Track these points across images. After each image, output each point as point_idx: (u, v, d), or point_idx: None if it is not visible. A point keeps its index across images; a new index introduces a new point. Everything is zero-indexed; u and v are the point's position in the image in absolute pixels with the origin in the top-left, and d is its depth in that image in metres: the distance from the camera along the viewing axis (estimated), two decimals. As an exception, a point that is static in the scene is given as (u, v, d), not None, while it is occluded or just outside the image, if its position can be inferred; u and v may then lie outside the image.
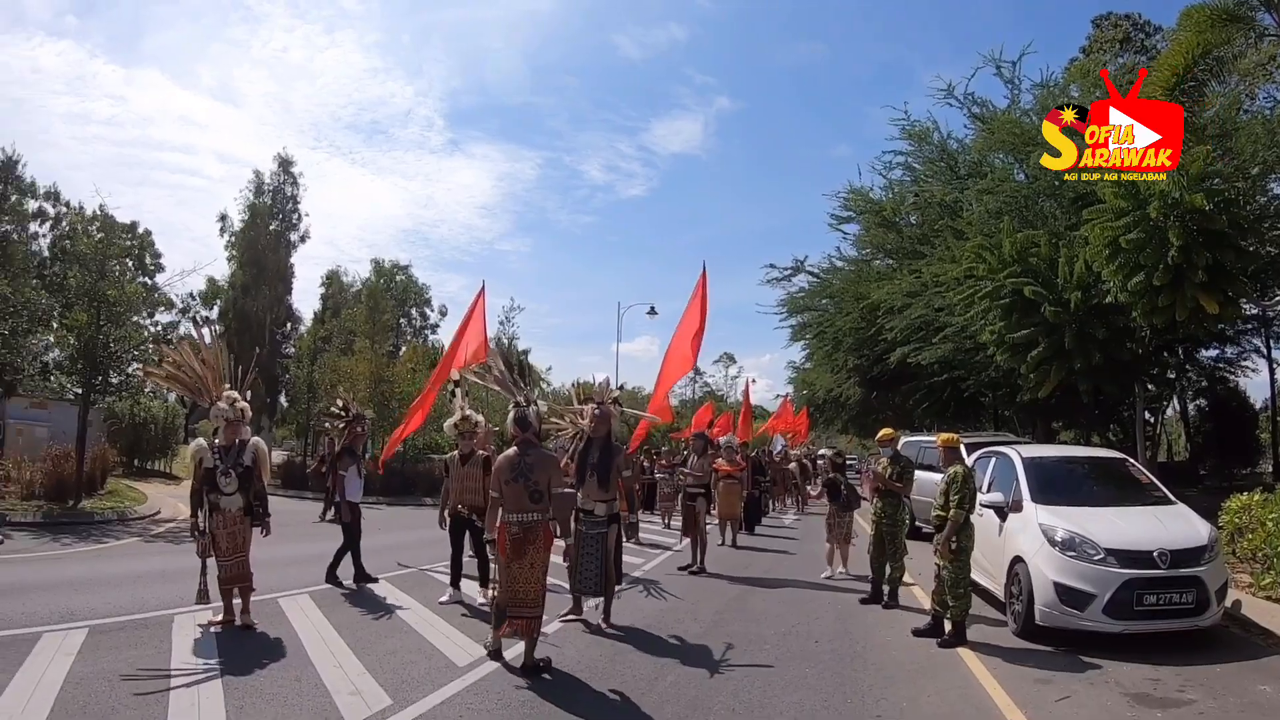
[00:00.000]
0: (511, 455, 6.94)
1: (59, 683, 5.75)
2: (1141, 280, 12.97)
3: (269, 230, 49.02)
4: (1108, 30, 31.07)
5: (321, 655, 6.87)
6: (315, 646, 7.16)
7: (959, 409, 26.78)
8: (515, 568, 6.71)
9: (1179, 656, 7.26)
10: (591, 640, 7.82)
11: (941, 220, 22.77)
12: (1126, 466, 10.25)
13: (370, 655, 6.89)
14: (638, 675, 6.68)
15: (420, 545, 13.68)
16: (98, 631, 7.27)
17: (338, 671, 6.39)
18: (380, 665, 6.61)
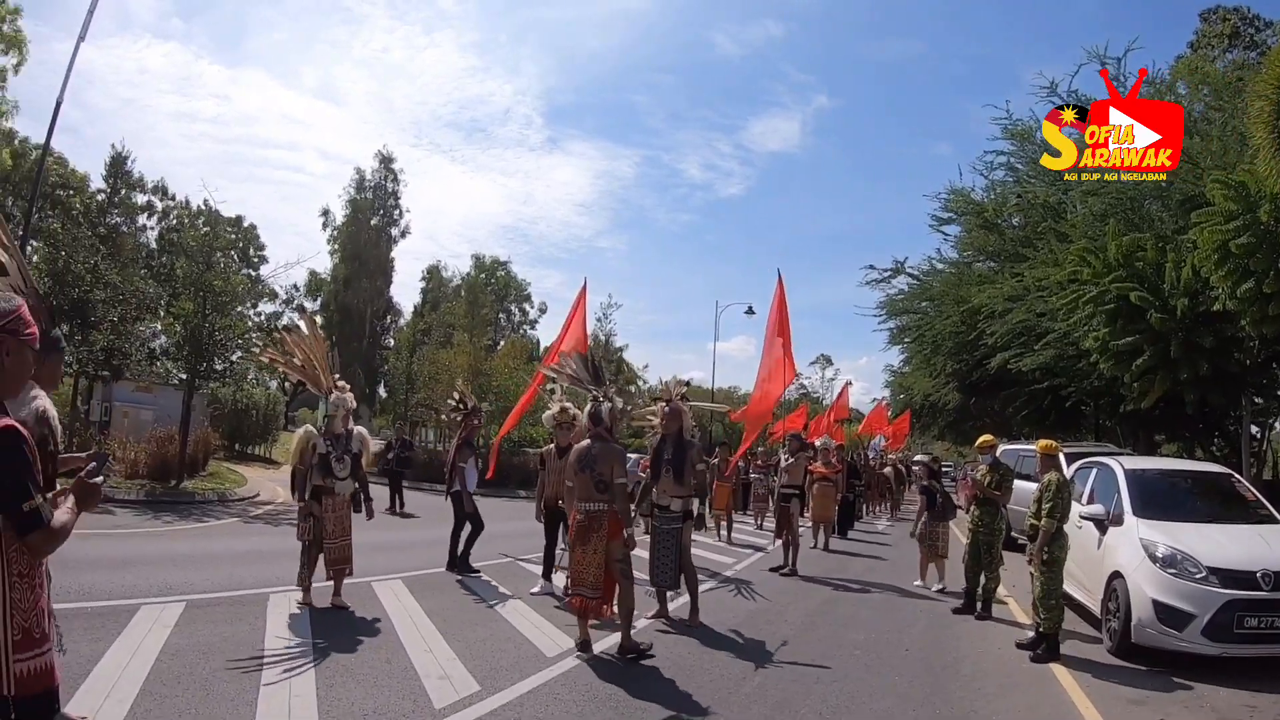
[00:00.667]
0: (582, 447, 7.40)
1: (155, 653, 5.94)
2: (1251, 287, 12.50)
3: (370, 225, 50.37)
4: (1215, 25, 29.86)
5: (412, 639, 7.08)
6: (406, 630, 7.38)
7: (1059, 418, 26.04)
8: (579, 551, 7.13)
9: (1278, 684, 7.07)
10: (678, 639, 7.93)
11: (1044, 222, 22.26)
12: (1232, 482, 9.95)
13: (460, 642, 7.07)
14: (725, 674, 6.78)
15: (515, 536, 13.90)
16: (194, 606, 7.53)
17: (427, 656, 6.56)
18: (470, 652, 6.77)
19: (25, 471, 2.53)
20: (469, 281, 49.85)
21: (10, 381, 2.71)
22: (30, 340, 2.71)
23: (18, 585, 2.61)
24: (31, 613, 2.65)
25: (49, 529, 2.59)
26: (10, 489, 2.51)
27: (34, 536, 2.56)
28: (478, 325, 41.51)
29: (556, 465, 9.79)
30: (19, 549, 2.59)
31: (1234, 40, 27.29)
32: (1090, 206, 19.11)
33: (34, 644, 2.64)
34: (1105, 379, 18.50)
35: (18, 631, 2.59)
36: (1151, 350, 15.38)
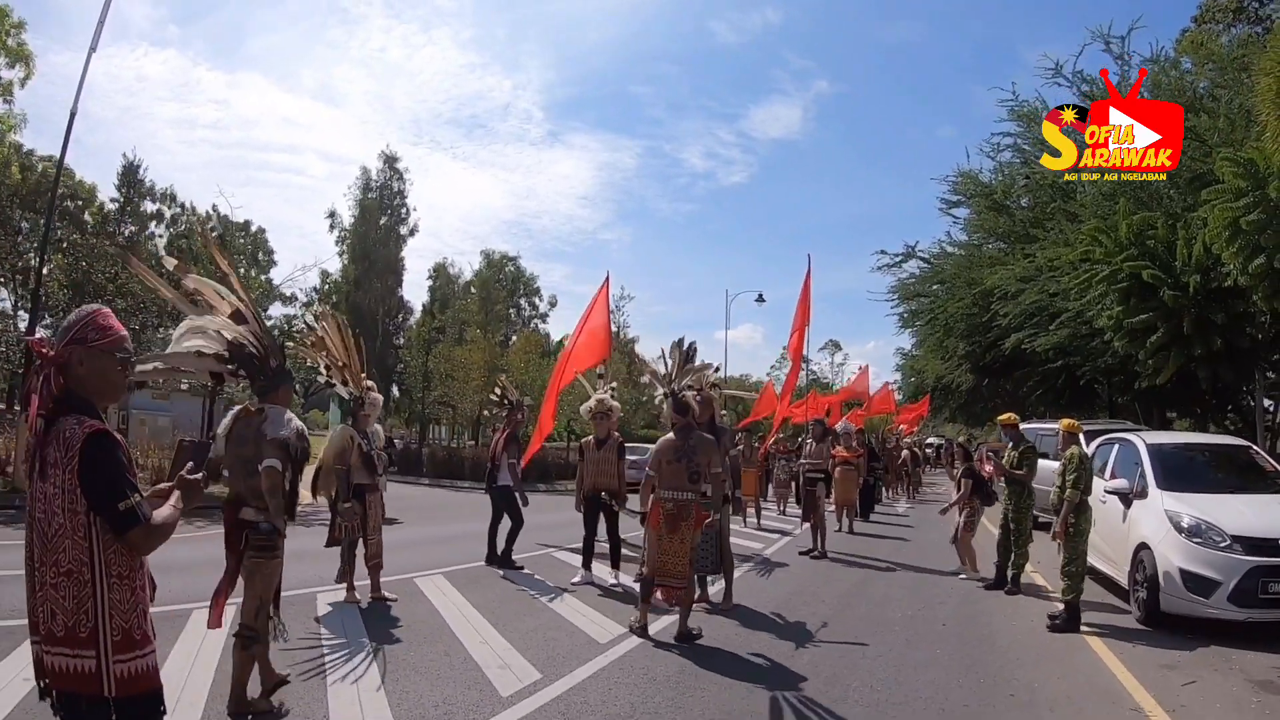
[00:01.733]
0: (674, 439, 7.52)
1: (216, 656, 5.90)
2: (1263, 263, 12.76)
3: (379, 225, 50.59)
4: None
5: (466, 631, 7.22)
6: (458, 623, 7.52)
7: (1073, 397, 26.27)
8: (667, 541, 7.27)
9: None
10: (721, 621, 8.15)
11: (1054, 203, 22.52)
12: (1251, 454, 10.26)
13: (513, 632, 7.21)
14: (773, 653, 7.04)
15: (547, 527, 14.07)
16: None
17: (484, 647, 6.68)
18: (524, 641, 6.91)
19: (119, 472, 2.61)
20: (481, 278, 50.12)
21: (94, 388, 2.74)
22: (104, 346, 2.74)
23: (117, 586, 2.61)
24: (132, 613, 2.66)
25: (148, 525, 2.63)
26: (105, 489, 2.57)
27: (134, 534, 2.60)
28: (492, 321, 41.86)
29: (595, 456, 9.98)
30: (118, 550, 2.61)
31: (1238, 15, 27.30)
32: (1099, 186, 19.32)
33: (134, 645, 2.65)
34: (1119, 357, 18.77)
35: (117, 632, 2.61)
36: (1165, 327, 15.66)
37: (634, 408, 40.75)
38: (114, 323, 2.80)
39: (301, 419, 5.71)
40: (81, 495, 2.56)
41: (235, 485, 5.24)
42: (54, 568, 2.57)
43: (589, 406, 10.28)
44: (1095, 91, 21.79)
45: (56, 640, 2.57)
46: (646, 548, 7.46)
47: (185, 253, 27.41)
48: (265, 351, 5.27)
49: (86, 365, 2.70)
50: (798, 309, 14.57)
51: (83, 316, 2.76)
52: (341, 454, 8.06)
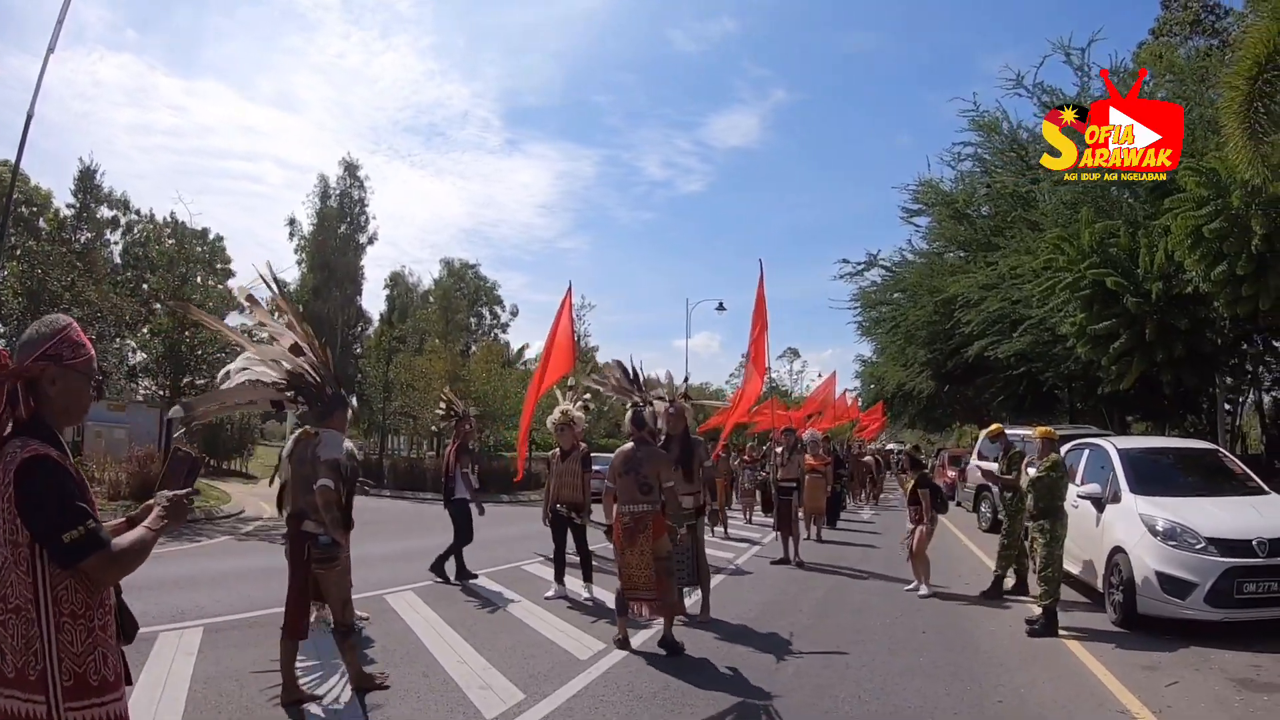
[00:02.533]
0: (626, 450, 7.55)
1: (186, 682, 5.86)
2: (1224, 270, 13.02)
3: (338, 233, 50.09)
4: (1177, 12, 30.53)
5: (442, 650, 7.09)
6: (434, 642, 7.39)
7: (1035, 402, 26.65)
8: (628, 555, 7.30)
9: (1278, 644, 7.49)
10: (701, 634, 8.07)
11: (1014, 211, 22.83)
12: (1219, 457, 10.44)
13: (491, 650, 7.10)
14: (758, 665, 6.99)
15: (513, 540, 13.98)
16: (213, 630, 7.46)
17: (463, 667, 6.56)
18: (504, 660, 6.80)
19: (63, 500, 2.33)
20: (441, 287, 49.76)
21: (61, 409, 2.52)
22: (80, 366, 2.54)
23: (68, 626, 2.36)
24: (87, 657, 2.40)
25: (107, 553, 2.36)
26: (46, 521, 2.31)
27: (89, 565, 2.33)
28: (452, 331, 41.58)
29: (560, 468, 9.89)
30: (69, 585, 2.36)
31: (1195, 27, 27.93)
32: (1061, 195, 19.62)
33: (90, 692, 2.40)
34: (1081, 363, 19.02)
35: (69, 677, 2.35)
36: (1128, 333, 15.90)
37: (595, 417, 40.69)
38: (85, 339, 2.62)
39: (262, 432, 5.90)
40: (23, 526, 2.32)
41: (296, 501, 5.76)
42: (1, 603, 2.33)
43: (553, 419, 10.20)
44: (1054, 101, 22.17)
45: (8, 682, 2.33)
46: (617, 563, 7.51)
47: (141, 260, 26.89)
48: (322, 380, 5.81)
49: (59, 385, 2.50)
50: (754, 316, 14.61)
51: (56, 331, 2.54)
52: None
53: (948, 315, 26.01)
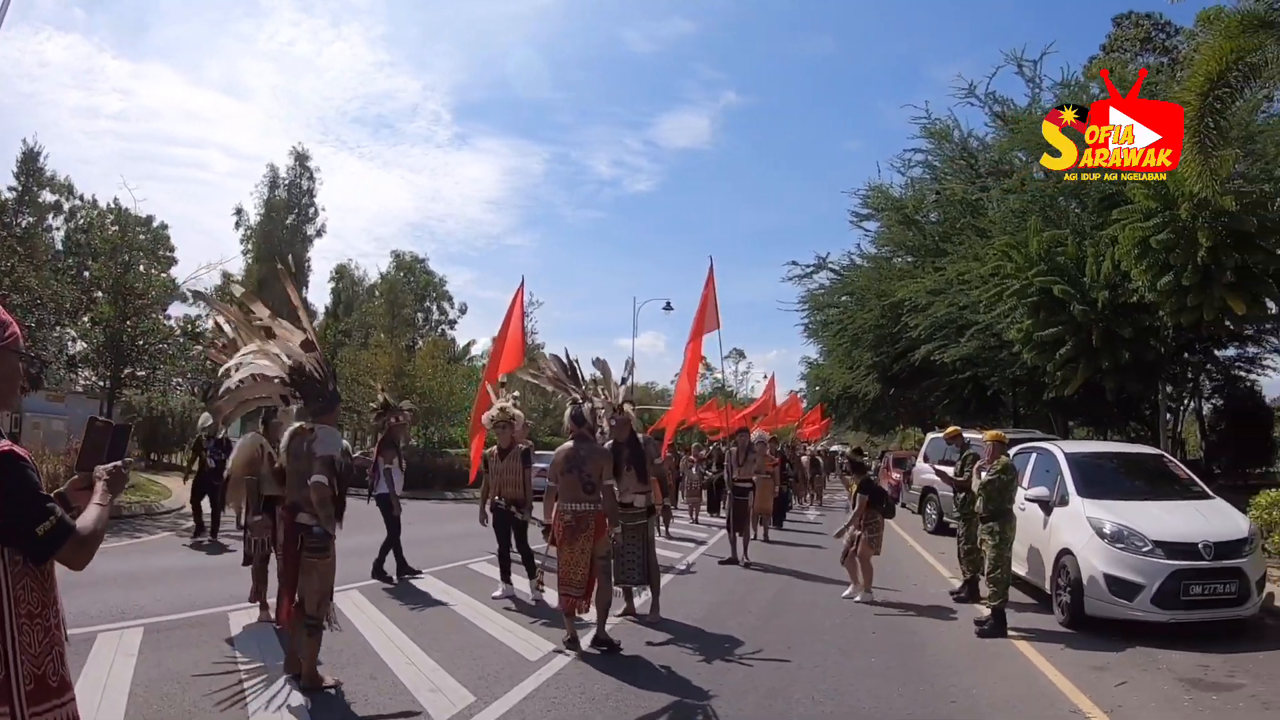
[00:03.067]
0: (568, 449, 7.44)
1: (127, 685, 5.66)
2: (1170, 280, 13.30)
3: (285, 224, 49.13)
4: (1128, 29, 31.23)
5: (390, 652, 6.92)
6: (381, 643, 7.21)
7: (980, 406, 27.06)
8: (566, 553, 7.23)
9: (1223, 644, 7.62)
10: (652, 634, 8.01)
11: (963, 219, 23.11)
12: (1164, 462, 10.62)
13: (439, 651, 6.94)
14: (710, 667, 6.93)
15: (459, 538, 13.80)
16: (154, 630, 7.20)
17: (411, 669, 6.41)
18: (452, 661, 6.65)
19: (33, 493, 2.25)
20: (389, 280, 49.12)
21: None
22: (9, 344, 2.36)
23: (27, 627, 2.26)
24: (46, 658, 2.31)
25: (78, 537, 2.29)
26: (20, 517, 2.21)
27: (64, 553, 2.27)
28: (399, 325, 41.10)
29: (499, 466, 9.74)
30: (27, 584, 2.27)
31: (1146, 45, 28.55)
32: (1010, 204, 19.91)
33: (50, 694, 2.31)
34: (1027, 368, 19.31)
35: (29, 680, 2.25)
36: (1073, 340, 16.17)
37: (540, 414, 40.54)
38: (7, 315, 2.42)
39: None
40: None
41: (292, 494, 5.92)
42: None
43: (491, 415, 10.04)
44: (1007, 113, 22.54)
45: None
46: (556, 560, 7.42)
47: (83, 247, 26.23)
48: (324, 376, 5.93)
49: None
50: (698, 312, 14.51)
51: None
52: (251, 463, 7.85)
53: (895, 319, 26.26)
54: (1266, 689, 6.45)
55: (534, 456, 10.36)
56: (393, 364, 31.76)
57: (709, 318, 13.43)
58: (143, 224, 32.01)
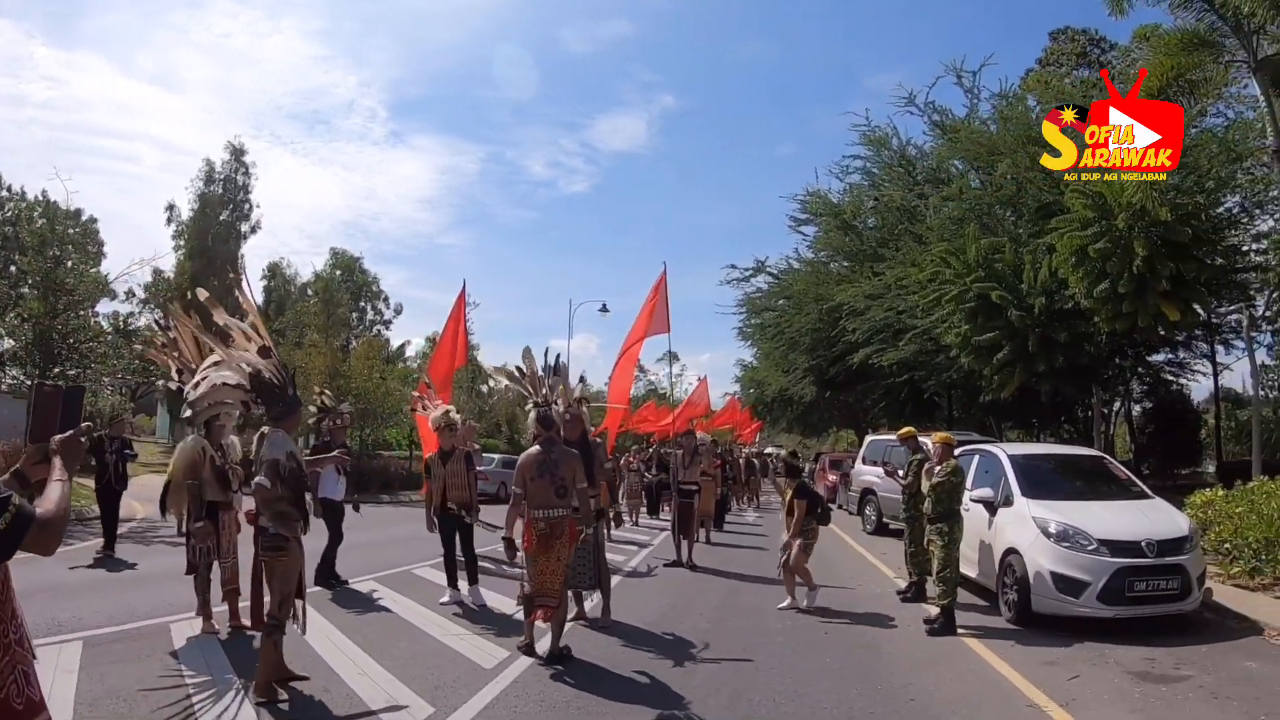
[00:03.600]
0: (536, 453, 7.26)
1: (70, 704, 5.38)
2: (1106, 288, 13.69)
3: (220, 220, 47.93)
4: (1064, 44, 32.13)
5: (340, 662, 6.70)
6: (330, 653, 6.97)
7: (915, 409, 27.51)
8: (542, 561, 7.03)
9: (1167, 638, 7.85)
10: (605, 639, 7.95)
11: (901, 225, 23.53)
12: (1105, 464, 10.92)
13: (391, 660, 6.77)
14: (669, 671, 6.88)
15: (400, 542, 13.61)
16: (93, 644, 6.89)
17: (364, 679, 6.24)
18: (406, 671, 6.49)
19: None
20: (324, 279, 48.21)
21: None
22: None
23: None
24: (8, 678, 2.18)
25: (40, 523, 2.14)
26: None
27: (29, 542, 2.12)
28: (334, 325, 40.36)
29: (442, 471, 9.63)
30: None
31: (1081, 59, 29.32)
32: (950, 211, 20.29)
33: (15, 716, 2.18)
34: (963, 372, 19.70)
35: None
36: (1010, 345, 16.55)
37: (476, 416, 40.23)
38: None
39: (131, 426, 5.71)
40: None
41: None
42: None
43: (435, 419, 9.95)
44: (945, 122, 23.01)
45: None
46: (527, 569, 7.17)
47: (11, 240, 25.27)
48: (283, 382, 5.91)
49: None
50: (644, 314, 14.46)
51: None
52: (191, 468, 7.53)
53: (833, 323, 26.62)
54: (1213, 679, 6.66)
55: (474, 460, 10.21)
56: (328, 364, 31.18)
57: (657, 320, 13.42)
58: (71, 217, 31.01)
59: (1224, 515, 10.30)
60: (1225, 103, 17.69)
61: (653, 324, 13.68)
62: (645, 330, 13.70)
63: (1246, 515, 9.87)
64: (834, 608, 9.71)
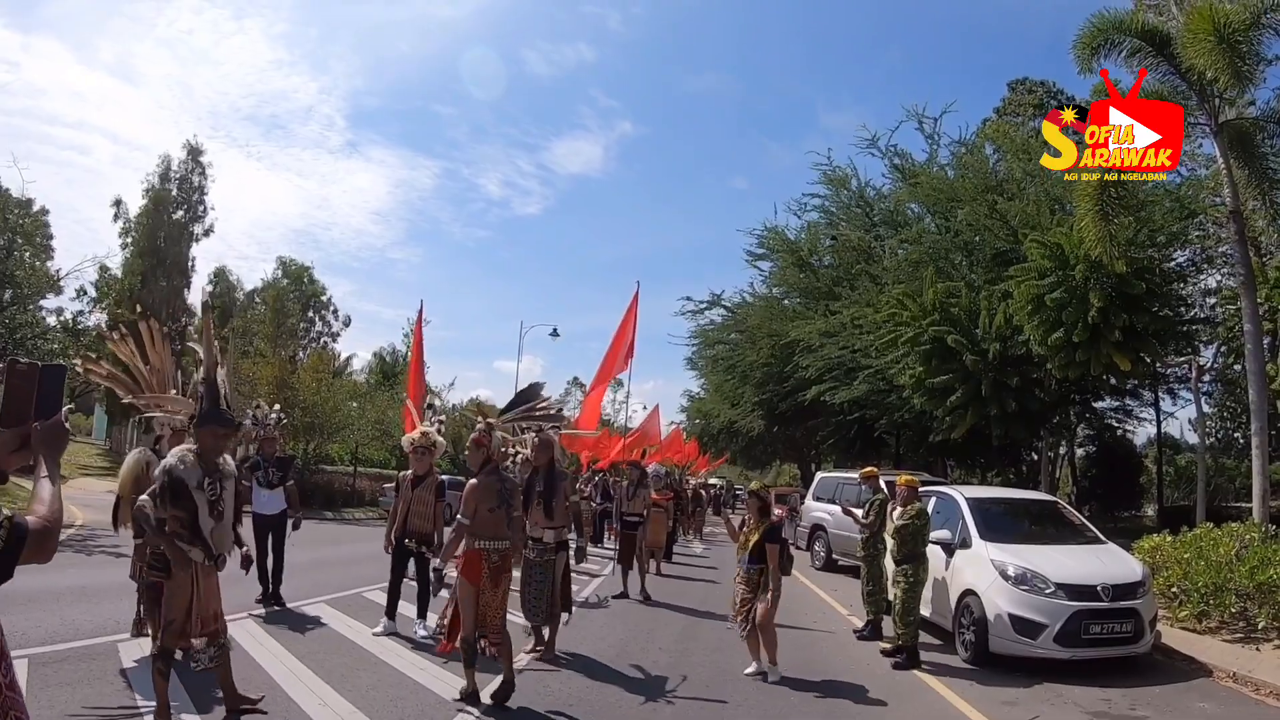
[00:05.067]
0: (491, 482, 6.73)
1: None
2: (1061, 336, 14.08)
3: (172, 219, 46.84)
4: (1022, 95, 32.99)
5: (299, 691, 6.51)
6: (287, 680, 6.77)
7: (864, 447, 27.86)
8: (489, 594, 6.54)
9: (1121, 680, 8.08)
10: (565, 674, 7.74)
11: (858, 264, 23.91)
12: (1059, 508, 11.20)
13: (351, 690, 6.58)
14: (634, 706, 6.85)
15: (347, 563, 13.35)
16: (39, 663, 6.57)
17: (325, 710, 6.09)
18: (368, 702, 6.32)
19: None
20: (275, 288, 47.50)
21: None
22: None
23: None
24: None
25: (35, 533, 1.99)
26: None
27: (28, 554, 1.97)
28: (283, 335, 39.86)
29: (410, 495, 9.06)
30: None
31: (1039, 110, 30.09)
32: (909, 254, 20.69)
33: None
34: (915, 412, 20.00)
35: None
36: (963, 388, 16.89)
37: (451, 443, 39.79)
38: None
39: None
40: None
41: None
42: None
43: (411, 439, 9.32)
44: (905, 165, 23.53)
45: None
46: (460, 604, 6.62)
47: None
48: (205, 394, 5.68)
49: None
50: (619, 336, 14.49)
51: None
52: (138, 481, 7.23)
53: (786, 359, 26.88)
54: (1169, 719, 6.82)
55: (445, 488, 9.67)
56: (276, 375, 30.69)
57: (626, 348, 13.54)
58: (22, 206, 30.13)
59: (1172, 560, 10.56)
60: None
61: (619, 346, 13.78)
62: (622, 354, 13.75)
63: (1195, 560, 10.13)
64: (792, 645, 9.55)
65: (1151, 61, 11.96)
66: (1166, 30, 12.12)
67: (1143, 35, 12.04)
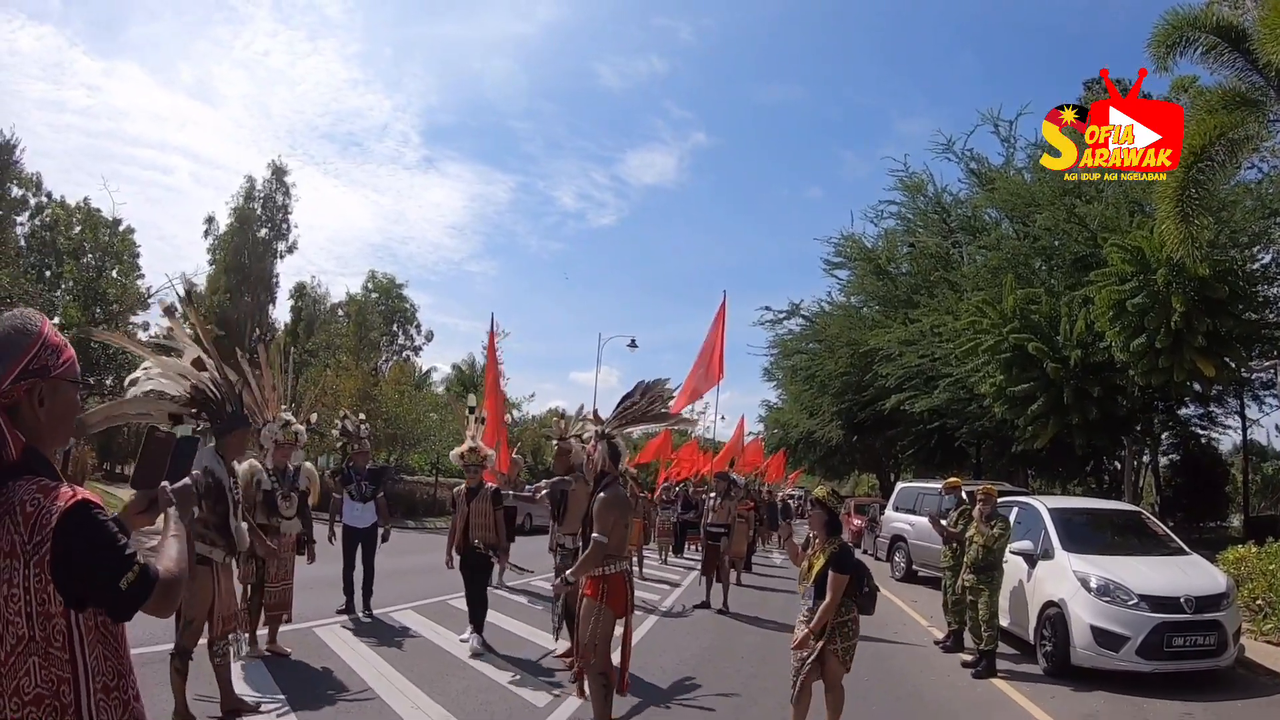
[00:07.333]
0: (625, 495, 6.19)
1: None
2: (1143, 342, 13.84)
3: (257, 236, 48.44)
4: (1098, 93, 32.20)
5: (391, 694, 6.67)
6: (379, 684, 6.95)
7: (944, 457, 27.53)
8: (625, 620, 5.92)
9: (1202, 694, 7.98)
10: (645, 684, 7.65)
11: (936, 272, 23.71)
12: (1142, 519, 11.03)
13: (443, 695, 6.73)
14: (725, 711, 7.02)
15: (430, 571, 13.31)
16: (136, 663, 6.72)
17: (418, 713, 6.23)
18: (459, 706, 6.44)
19: (107, 545, 1.93)
20: (357, 301, 48.61)
21: (51, 432, 2.06)
22: (67, 374, 2.08)
23: (104, 706, 1.96)
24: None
25: (162, 584, 1.98)
26: (104, 575, 1.92)
27: (151, 603, 1.96)
28: (365, 348, 40.77)
29: (467, 509, 8.93)
30: (102, 652, 1.99)
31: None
32: (989, 261, 20.45)
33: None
34: (995, 421, 19.77)
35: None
36: (1045, 396, 16.66)
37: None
38: (61, 336, 2.11)
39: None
40: (57, 592, 1.88)
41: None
42: (15, 698, 1.84)
43: (459, 452, 9.37)
44: (982, 170, 23.26)
45: None
46: (600, 637, 5.65)
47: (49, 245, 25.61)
48: (222, 397, 5.66)
49: (49, 403, 2.03)
50: (707, 352, 14.63)
51: (29, 333, 2.03)
52: (244, 491, 7.20)
53: (865, 367, 26.74)
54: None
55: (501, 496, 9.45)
56: (359, 387, 31.50)
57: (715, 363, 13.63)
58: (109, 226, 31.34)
59: (1257, 572, 10.38)
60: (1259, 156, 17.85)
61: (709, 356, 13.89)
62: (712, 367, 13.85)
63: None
64: (872, 656, 9.53)
65: (1228, 57, 11.75)
66: (1242, 25, 11.89)
67: (1217, 31, 11.87)
